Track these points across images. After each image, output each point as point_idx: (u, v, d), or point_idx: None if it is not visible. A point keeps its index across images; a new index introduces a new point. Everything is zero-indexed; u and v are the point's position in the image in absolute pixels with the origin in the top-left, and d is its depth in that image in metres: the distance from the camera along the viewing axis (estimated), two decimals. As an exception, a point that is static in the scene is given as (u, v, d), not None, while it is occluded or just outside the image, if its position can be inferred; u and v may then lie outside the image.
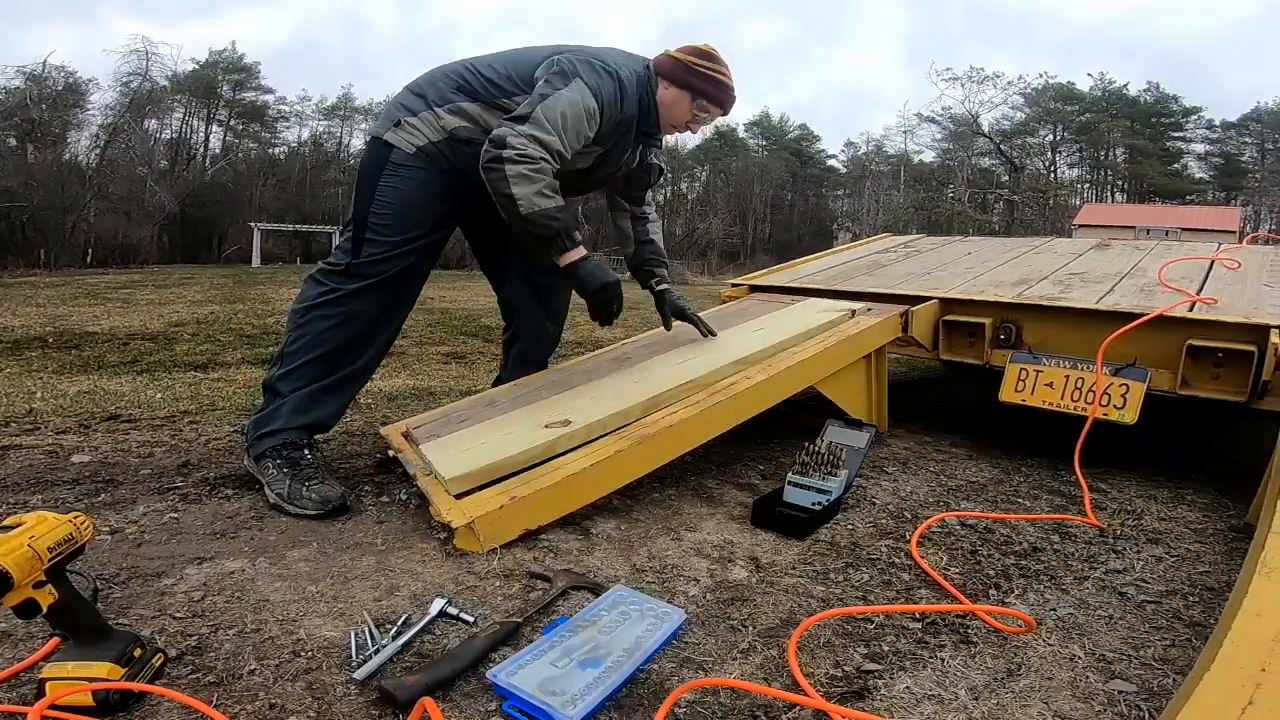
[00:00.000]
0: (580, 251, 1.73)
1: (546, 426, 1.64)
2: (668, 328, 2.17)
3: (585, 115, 1.68)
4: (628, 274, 2.14)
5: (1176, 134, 37.27)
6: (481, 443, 1.62)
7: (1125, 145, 36.48)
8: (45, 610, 0.86)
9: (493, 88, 1.74)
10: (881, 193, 37.24)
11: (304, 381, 1.66)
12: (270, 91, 33.99)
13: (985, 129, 34.59)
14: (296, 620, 1.11)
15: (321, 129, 36.20)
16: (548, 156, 1.63)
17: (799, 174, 41.02)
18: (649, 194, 2.16)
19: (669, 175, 40.85)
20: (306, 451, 1.64)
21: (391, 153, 1.71)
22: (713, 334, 2.14)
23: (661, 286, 2.11)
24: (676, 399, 1.80)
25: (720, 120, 2.06)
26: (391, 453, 1.80)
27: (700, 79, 1.84)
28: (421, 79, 1.81)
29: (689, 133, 1.97)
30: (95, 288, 9.00)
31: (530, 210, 1.62)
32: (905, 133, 39.58)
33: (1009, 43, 71.09)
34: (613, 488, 1.61)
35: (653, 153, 2.05)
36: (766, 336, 2.16)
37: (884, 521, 1.66)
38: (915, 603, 1.28)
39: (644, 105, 1.83)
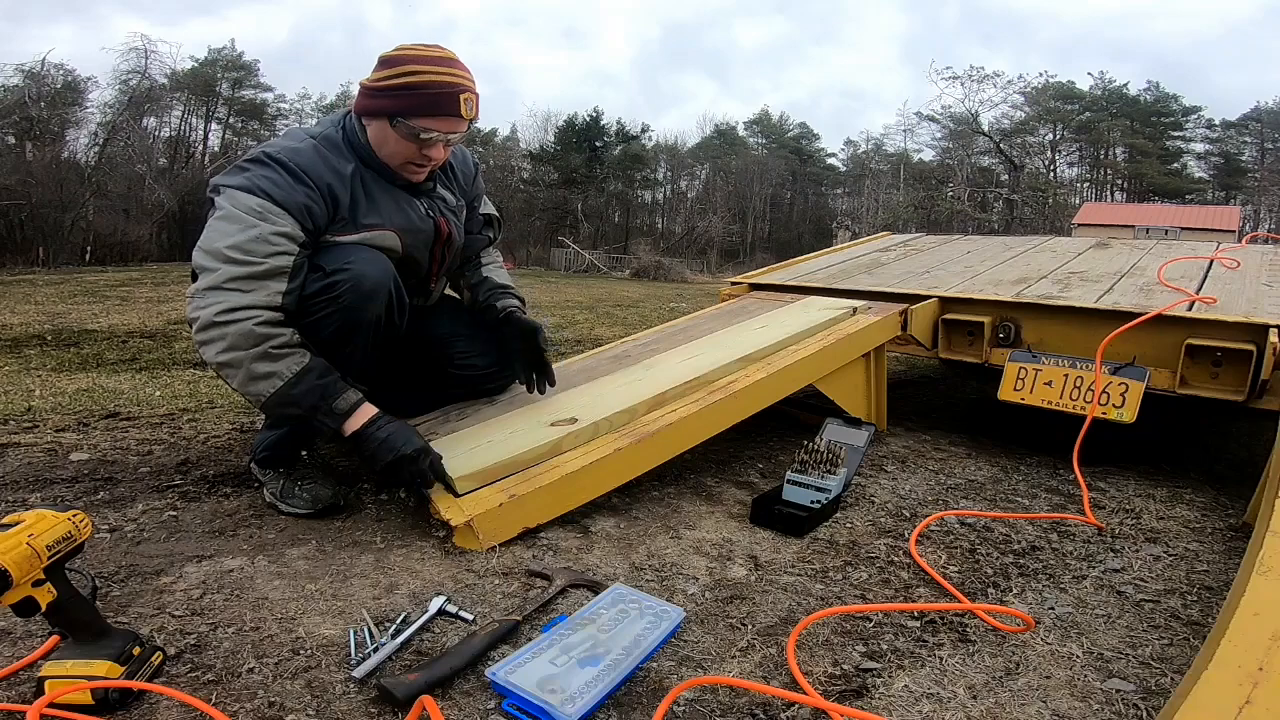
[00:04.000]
0: (367, 410, 1.36)
1: (552, 425, 1.64)
2: (516, 363, 1.81)
3: (253, 214, 1.32)
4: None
5: (1176, 133, 37.27)
6: (487, 441, 1.61)
7: (1125, 144, 36.48)
8: (44, 608, 0.86)
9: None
10: (881, 191, 37.26)
11: None
12: (269, 89, 34.01)
13: (985, 128, 34.60)
14: (296, 618, 1.11)
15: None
16: (233, 307, 1.27)
17: (798, 172, 41.03)
18: (492, 252, 1.90)
19: (669, 174, 40.76)
20: (304, 452, 1.63)
21: None
22: (550, 385, 1.79)
23: (508, 311, 1.77)
24: (682, 396, 1.79)
25: (719, 119, 1.94)
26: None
27: (386, 96, 1.40)
28: None
29: (433, 162, 1.49)
30: (94, 285, 8.99)
31: (259, 400, 1.30)
32: (905, 131, 39.57)
33: (1005, 43, 71.28)
34: (612, 486, 1.61)
35: (481, 204, 1.82)
36: (769, 334, 2.16)
37: (883, 520, 1.66)
38: (914, 601, 1.28)
39: (360, 153, 1.47)
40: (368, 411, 1.37)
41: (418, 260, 1.59)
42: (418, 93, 1.39)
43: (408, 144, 1.44)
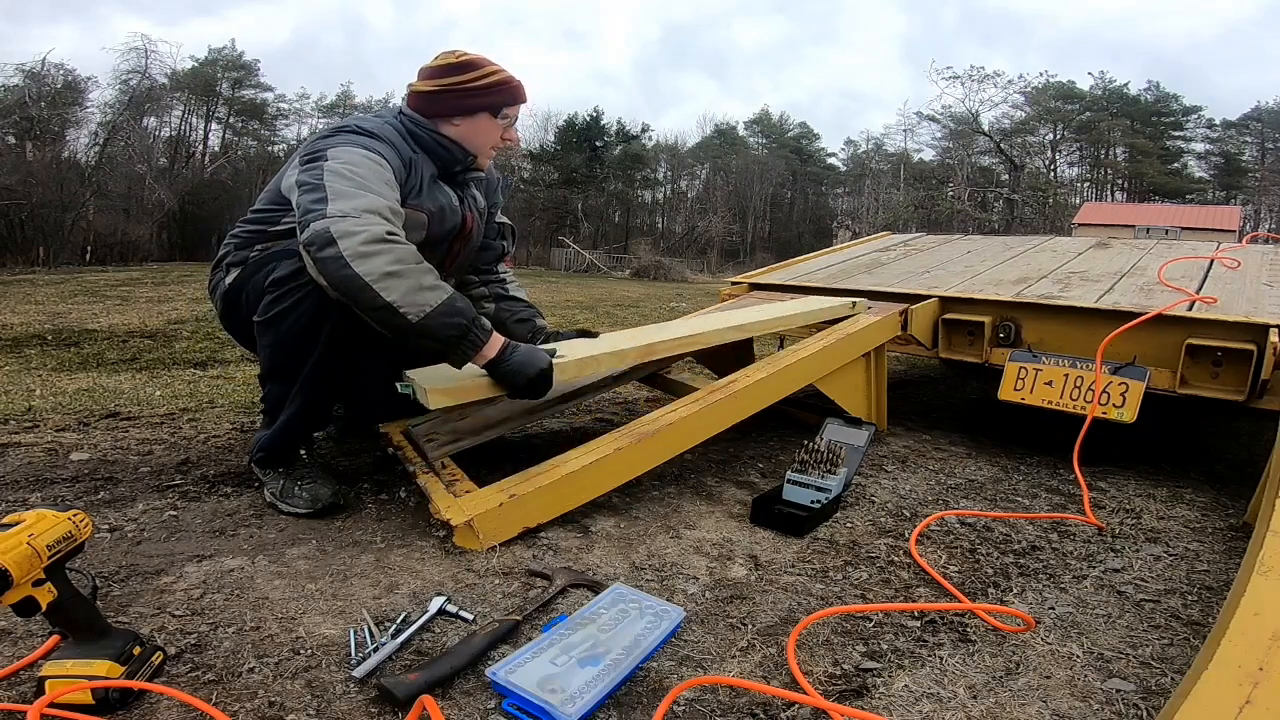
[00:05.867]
0: (498, 340, 1.43)
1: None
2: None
3: (374, 165, 1.43)
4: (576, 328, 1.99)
5: (1177, 133, 37.24)
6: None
7: (1125, 144, 36.45)
8: (44, 608, 0.86)
9: (261, 220, 1.59)
10: (881, 191, 37.23)
11: None
12: (270, 89, 34.01)
13: (985, 127, 34.58)
14: (296, 618, 1.11)
15: (321, 127, 36.17)
16: (391, 228, 1.33)
17: (799, 172, 41.02)
18: (506, 269, 1.99)
19: (669, 173, 40.77)
20: (303, 452, 1.64)
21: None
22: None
23: (543, 329, 1.92)
24: (671, 350, 1.86)
25: (719, 119, 2.03)
26: (391, 450, 1.79)
27: (484, 94, 1.63)
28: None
29: (509, 142, 1.71)
30: (94, 285, 8.99)
31: (420, 313, 1.30)
32: (905, 131, 39.53)
33: (1003, 44, 71.27)
34: (612, 486, 1.61)
35: (497, 212, 1.91)
36: (765, 312, 2.24)
37: (883, 520, 1.66)
38: (914, 601, 1.28)
39: (423, 143, 1.61)
40: (499, 338, 1.45)
41: (435, 249, 1.64)
42: (507, 87, 1.65)
43: (498, 131, 1.67)
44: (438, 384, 1.41)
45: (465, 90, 1.62)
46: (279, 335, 1.50)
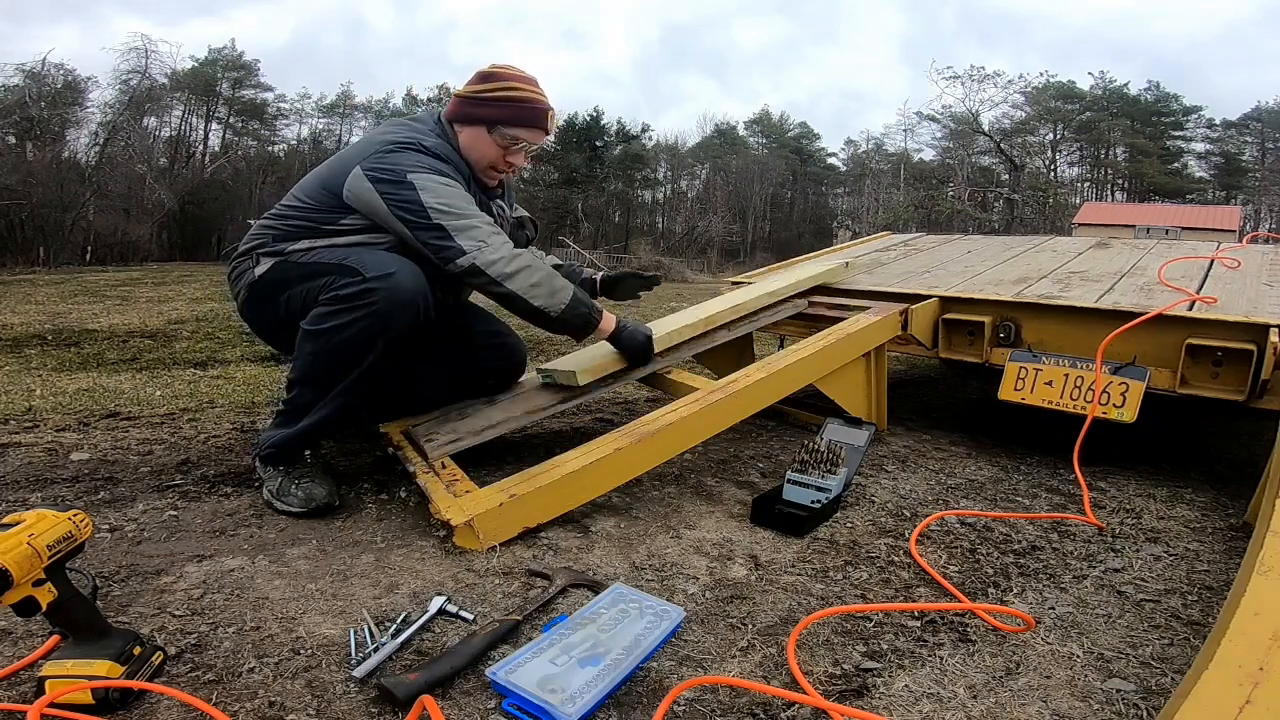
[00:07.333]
0: (611, 319, 1.73)
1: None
2: (632, 293, 2.13)
3: (451, 183, 1.57)
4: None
5: (1177, 133, 37.23)
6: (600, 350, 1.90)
7: (1125, 144, 36.44)
8: (44, 608, 0.86)
9: (310, 218, 1.61)
10: (881, 191, 37.23)
11: None
12: (270, 89, 34.00)
13: (985, 127, 34.57)
14: (296, 618, 1.11)
15: (321, 127, 36.13)
16: (504, 236, 1.59)
17: (799, 172, 41.00)
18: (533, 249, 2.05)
19: (669, 173, 40.74)
20: (307, 452, 1.63)
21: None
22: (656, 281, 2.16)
23: (598, 274, 2.12)
24: (729, 318, 2.25)
25: (719, 119, 2.06)
26: (391, 450, 1.79)
27: (486, 106, 1.63)
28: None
29: (513, 173, 1.77)
30: (94, 285, 8.99)
31: (559, 309, 1.60)
32: (905, 131, 39.51)
33: (1003, 44, 71.26)
34: (612, 485, 1.61)
35: (514, 209, 1.95)
36: (785, 278, 2.65)
37: (883, 520, 1.66)
38: (914, 601, 1.28)
39: (449, 152, 1.67)
40: (611, 317, 1.75)
41: None
42: (517, 105, 1.64)
43: (497, 150, 1.67)
44: (582, 365, 1.80)
45: (473, 98, 1.65)
46: (326, 346, 1.51)
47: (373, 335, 1.50)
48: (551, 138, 1.88)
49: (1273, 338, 1.79)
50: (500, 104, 1.63)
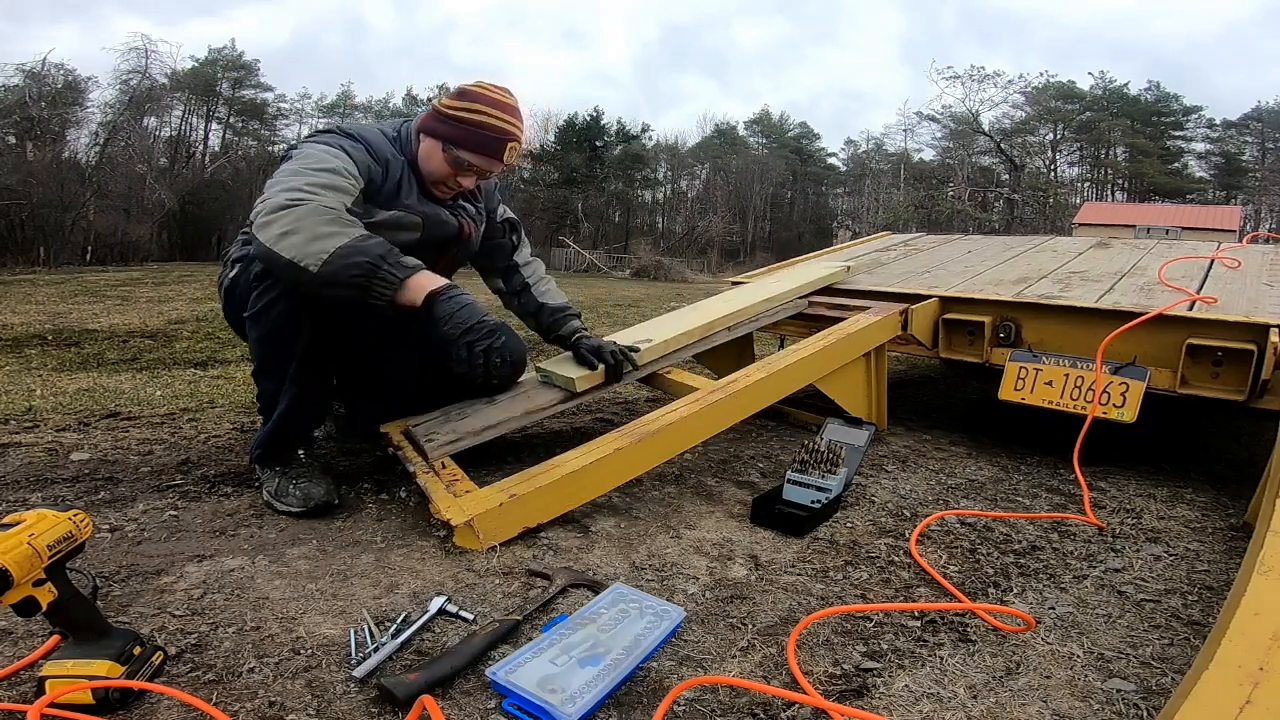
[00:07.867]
0: (433, 278, 1.39)
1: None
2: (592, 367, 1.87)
3: (326, 155, 1.46)
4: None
5: (1177, 133, 37.24)
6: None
7: (1125, 144, 36.45)
8: (45, 608, 0.86)
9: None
10: (881, 191, 37.25)
11: None
12: (270, 89, 34.03)
13: (985, 127, 34.57)
14: (296, 618, 1.11)
15: (321, 127, 36.28)
16: (302, 195, 1.35)
17: (799, 172, 41.02)
18: (524, 253, 2.00)
19: (669, 173, 40.71)
20: (301, 451, 1.64)
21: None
22: (633, 365, 1.90)
23: (577, 336, 1.93)
24: (729, 323, 2.25)
25: (719, 119, 2.03)
26: (391, 450, 1.79)
27: (448, 124, 1.58)
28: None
29: (464, 188, 1.67)
30: (94, 285, 8.99)
31: (319, 262, 1.28)
32: (905, 131, 39.53)
33: (1003, 44, 71.35)
34: (612, 485, 1.61)
35: (500, 212, 1.92)
36: (786, 281, 2.64)
37: (883, 520, 1.66)
38: (914, 601, 1.28)
39: (410, 157, 1.64)
40: (439, 278, 1.40)
41: (427, 252, 1.63)
42: (475, 130, 1.58)
43: (446, 168, 1.62)
44: (581, 371, 1.82)
45: (439, 113, 1.61)
46: (265, 331, 1.53)
47: (297, 309, 1.47)
48: (518, 163, 1.81)
49: (1273, 338, 1.79)
50: (460, 125, 1.57)
